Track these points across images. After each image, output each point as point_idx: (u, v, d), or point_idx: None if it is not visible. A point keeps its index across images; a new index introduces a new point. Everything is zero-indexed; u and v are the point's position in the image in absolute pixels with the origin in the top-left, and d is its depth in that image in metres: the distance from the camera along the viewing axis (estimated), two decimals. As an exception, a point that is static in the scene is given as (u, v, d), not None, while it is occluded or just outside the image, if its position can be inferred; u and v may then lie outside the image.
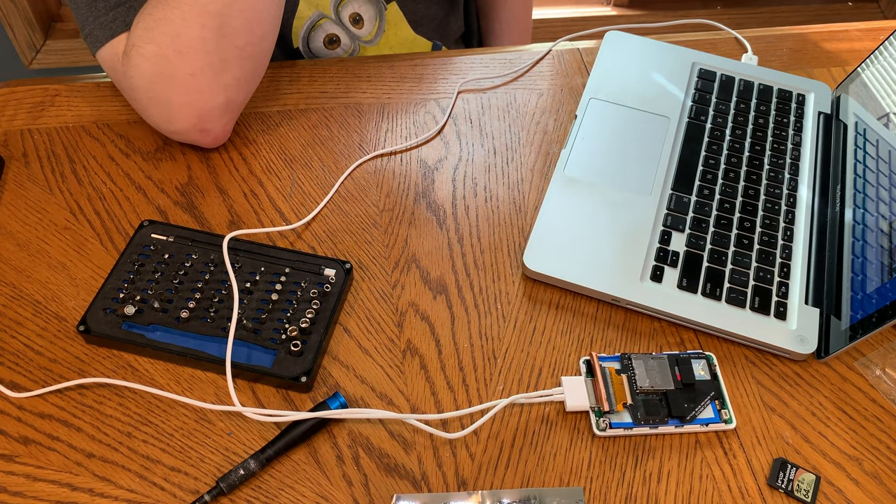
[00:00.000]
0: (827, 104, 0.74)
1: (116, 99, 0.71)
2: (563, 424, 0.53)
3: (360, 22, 0.79)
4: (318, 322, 0.55)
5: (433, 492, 0.50)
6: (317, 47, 0.79)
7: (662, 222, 0.62)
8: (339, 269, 0.58)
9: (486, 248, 0.62)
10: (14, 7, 1.66)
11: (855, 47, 0.82)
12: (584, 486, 0.50)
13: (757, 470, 0.52)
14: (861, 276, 0.56)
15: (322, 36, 0.79)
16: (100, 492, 0.49)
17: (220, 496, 0.48)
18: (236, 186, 0.64)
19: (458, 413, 0.52)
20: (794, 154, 0.69)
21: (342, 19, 0.78)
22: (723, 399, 0.53)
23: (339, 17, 0.78)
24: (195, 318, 0.55)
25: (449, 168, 0.67)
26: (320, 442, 0.51)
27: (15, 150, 0.66)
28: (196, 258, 0.58)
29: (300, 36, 0.78)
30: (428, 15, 0.85)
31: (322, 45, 0.79)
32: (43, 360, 0.54)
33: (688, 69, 0.75)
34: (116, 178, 0.64)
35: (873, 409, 0.55)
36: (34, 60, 1.76)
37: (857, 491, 0.51)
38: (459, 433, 0.51)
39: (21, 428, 0.51)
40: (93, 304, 0.55)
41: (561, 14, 1.89)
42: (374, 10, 0.80)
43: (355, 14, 0.78)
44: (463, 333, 0.57)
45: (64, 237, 0.61)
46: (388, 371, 0.55)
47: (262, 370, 0.52)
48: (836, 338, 0.56)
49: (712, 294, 0.58)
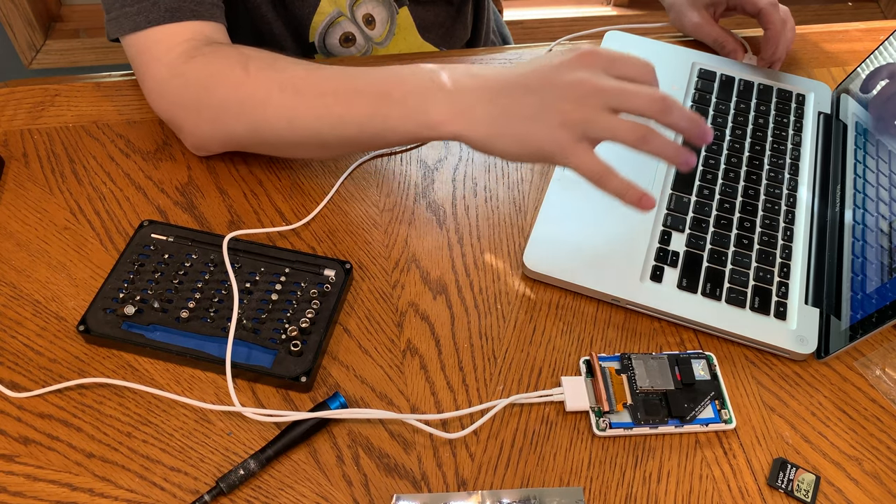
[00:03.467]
0: (827, 104, 0.74)
1: (116, 99, 0.71)
2: (562, 424, 0.53)
3: (372, 23, 0.80)
4: (318, 322, 0.55)
5: (433, 492, 0.50)
6: (332, 44, 0.80)
7: (662, 222, 0.62)
8: (339, 269, 0.58)
9: (486, 248, 0.62)
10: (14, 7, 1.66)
11: (855, 47, 0.82)
12: (584, 486, 0.50)
13: (757, 470, 0.52)
14: (861, 276, 0.56)
15: (339, 33, 0.79)
16: (100, 492, 0.49)
17: (219, 496, 0.48)
18: (236, 186, 0.64)
19: (458, 413, 0.52)
20: (793, 154, 0.69)
21: (356, 19, 0.78)
22: (723, 399, 0.53)
23: (354, 16, 0.78)
24: (195, 318, 0.55)
25: (449, 168, 0.67)
26: (320, 442, 0.51)
27: (15, 150, 0.66)
28: (196, 258, 0.58)
29: (318, 31, 0.78)
30: (436, 22, 0.85)
31: (337, 43, 0.80)
32: (43, 360, 0.54)
33: (688, 69, 0.75)
34: (116, 178, 0.64)
35: (873, 409, 0.55)
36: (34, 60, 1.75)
37: (856, 491, 0.51)
38: (459, 433, 0.51)
39: (21, 428, 0.51)
40: (93, 304, 0.55)
41: (561, 14, 1.89)
42: (386, 13, 0.80)
43: (368, 15, 0.79)
44: (463, 333, 0.57)
45: (64, 237, 0.61)
46: (388, 371, 0.55)
47: (261, 370, 0.52)
48: (836, 338, 0.56)
49: (712, 294, 0.58)
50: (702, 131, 0.51)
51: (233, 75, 0.58)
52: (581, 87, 0.50)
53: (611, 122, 0.50)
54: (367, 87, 0.57)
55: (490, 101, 0.53)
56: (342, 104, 0.56)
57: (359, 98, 0.56)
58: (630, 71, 0.51)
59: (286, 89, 0.57)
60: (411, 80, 0.55)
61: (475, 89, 0.53)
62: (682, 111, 0.51)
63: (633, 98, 0.50)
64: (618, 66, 0.51)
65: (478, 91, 0.53)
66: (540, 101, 0.51)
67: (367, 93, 0.56)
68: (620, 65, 0.51)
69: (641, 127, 0.50)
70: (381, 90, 0.56)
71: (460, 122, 0.53)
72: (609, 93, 0.50)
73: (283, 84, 0.57)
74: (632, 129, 0.50)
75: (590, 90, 0.50)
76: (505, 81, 0.53)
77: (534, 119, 0.51)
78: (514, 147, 0.52)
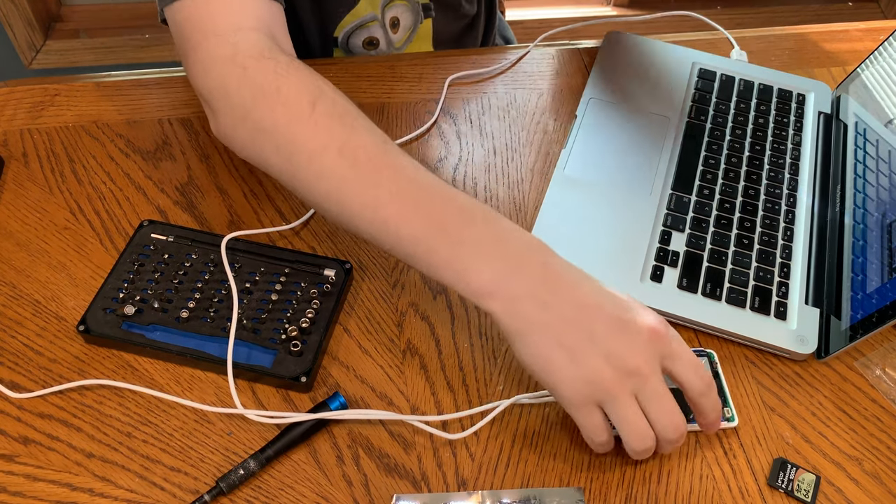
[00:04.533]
0: (827, 104, 0.74)
1: (116, 99, 0.71)
2: (563, 424, 0.53)
3: (396, 27, 0.79)
4: (318, 322, 0.55)
5: (433, 492, 0.50)
6: (355, 44, 0.79)
7: (662, 222, 0.62)
8: (339, 269, 0.58)
9: (486, 248, 0.62)
10: (14, 7, 1.66)
11: (855, 47, 0.82)
12: (584, 486, 0.50)
13: (757, 470, 0.52)
14: (861, 276, 0.56)
15: (365, 36, 0.78)
16: (100, 492, 0.49)
17: (219, 496, 0.48)
18: (236, 186, 0.64)
19: (460, 414, 0.52)
20: (794, 154, 0.69)
21: (385, 20, 0.78)
22: (724, 397, 0.53)
23: (384, 17, 0.78)
24: (195, 318, 0.55)
25: (449, 168, 0.67)
26: (320, 442, 0.51)
27: (15, 150, 0.66)
28: (196, 258, 0.58)
29: (345, 30, 0.77)
30: (451, 37, 0.86)
31: (360, 44, 0.79)
32: (43, 360, 0.54)
33: (688, 69, 0.75)
34: (116, 177, 0.64)
35: (873, 409, 0.55)
36: (34, 60, 1.76)
37: (857, 491, 0.51)
38: (461, 434, 0.51)
39: (21, 428, 0.51)
40: (93, 304, 0.55)
41: (561, 14, 1.89)
42: (412, 20, 0.80)
43: (395, 18, 0.78)
44: (463, 333, 0.57)
45: (64, 237, 0.61)
46: (388, 371, 0.55)
47: (261, 370, 0.52)
48: (836, 338, 0.56)
49: (712, 294, 0.58)
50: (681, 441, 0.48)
51: (297, 107, 0.51)
52: (629, 362, 0.45)
53: (625, 412, 0.46)
54: (429, 204, 0.49)
55: (543, 305, 0.46)
56: (394, 207, 0.48)
57: (415, 213, 0.48)
58: (683, 375, 0.47)
59: (346, 155, 0.50)
60: (478, 226, 0.48)
61: (535, 278, 0.47)
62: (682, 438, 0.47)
63: (656, 406, 0.46)
64: (676, 365, 0.47)
65: (536, 282, 0.47)
66: (586, 345, 0.46)
67: (424, 213, 0.48)
68: (679, 364, 0.47)
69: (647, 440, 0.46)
70: (441, 219, 0.48)
71: (501, 304, 0.47)
72: (645, 385, 0.46)
73: (345, 147, 0.50)
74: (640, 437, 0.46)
75: (632, 369, 0.45)
76: (571, 298, 0.47)
77: (568, 352, 0.46)
78: (532, 362, 0.47)
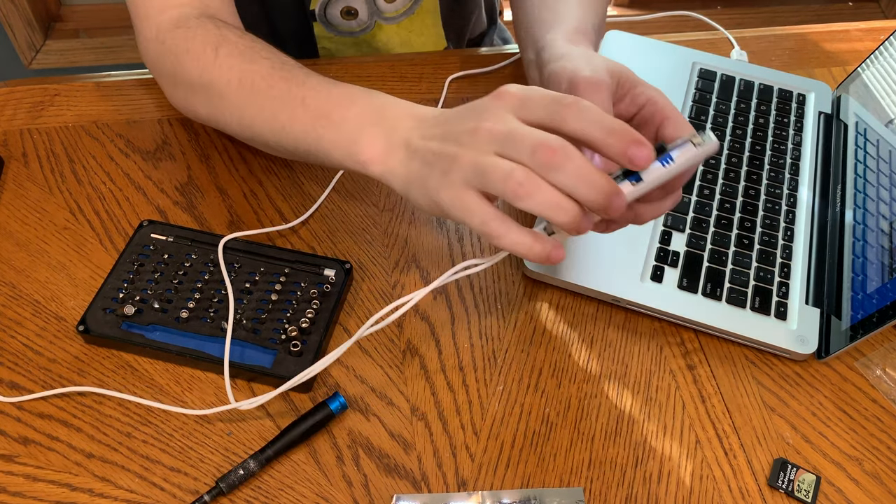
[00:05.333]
0: (827, 104, 0.73)
1: (116, 99, 0.70)
2: (563, 424, 0.53)
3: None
4: (317, 322, 0.55)
5: (433, 492, 0.50)
6: (333, 14, 0.77)
7: (663, 222, 0.62)
8: (338, 269, 0.58)
9: (486, 248, 0.62)
10: (14, 7, 1.66)
11: (855, 47, 0.82)
12: (584, 486, 0.50)
13: (757, 470, 0.51)
14: (861, 276, 0.56)
15: (342, 5, 0.76)
16: (99, 492, 0.49)
17: (219, 496, 0.48)
18: (236, 186, 0.64)
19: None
20: (794, 154, 0.69)
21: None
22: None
23: None
24: (195, 318, 0.55)
25: (449, 168, 0.67)
26: (320, 442, 0.51)
27: (15, 150, 0.66)
28: (196, 258, 0.58)
29: (321, 1, 0.76)
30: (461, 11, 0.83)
31: (338, 14, 0.77)
32: (42, 360, 0.54)
33: (688, 69, 0.75)
34: (116, 177, 0.64)
35: (873, 409, 0.55)
36: (34, 60, 1.76)
37: (857, 491, 0.51)
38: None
39: (21, 428, 0.51)
40: (92, 304, 0.55)
41: (561, 14, 1.88)
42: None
43: None
44: (463, 333, 0.57)
45: (64, 237, 0.60)
46: (388, 371, 0.55)
47: (261, 370, 0.52)
48: (836, 338, 0.56)
49: (713, 294, 0.58)
50: (608, 202, 0.40)
51: (203, 56, 0.55)
52: (476, 132, 0.42)
53: (484, 165, 0.40)
54: (314, 99, 0.51)
55: (411, 147, 0.45)
56: (287, 112, 0.51)
57: (302, 110, 0.51)
58: (536, 114, 0.42)
59: (244, 84, 0.53)
60: (358, 105, 0.49)
61: (407, 129, 0.46)
62: (581, 169, 0.39)
63: (515, 144, 0.40)
64: (527, 105, 0.42)
65: (408, 130, 0.46)
66: (441, 147, 0.43)
67: (311, 106, 0.51)
68: (529, 104, 0.42)
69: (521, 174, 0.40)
70: (324, 108, 0.50)
71: (381, 165, 0.47)
72: (495, 136, 0.41)
73: (243, 77, 0.53)
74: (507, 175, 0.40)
75: (482, 134, 0.41)
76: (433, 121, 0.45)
77: (432, 166, 0.43)
78: (423, 201, 0.45)
